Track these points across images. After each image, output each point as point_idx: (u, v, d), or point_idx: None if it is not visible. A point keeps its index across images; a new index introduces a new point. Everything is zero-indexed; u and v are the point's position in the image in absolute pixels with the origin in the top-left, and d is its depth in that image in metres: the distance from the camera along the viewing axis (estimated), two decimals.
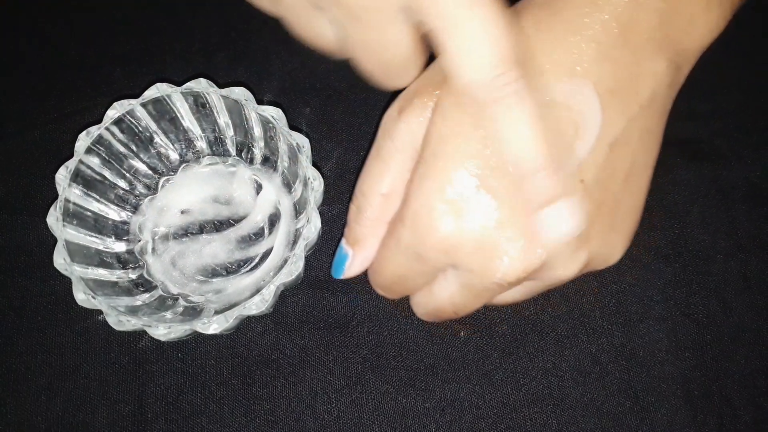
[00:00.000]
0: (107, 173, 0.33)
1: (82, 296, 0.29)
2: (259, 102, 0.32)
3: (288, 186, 0.35)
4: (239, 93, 0.32)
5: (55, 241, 0.30)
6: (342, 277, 0.31)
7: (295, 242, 0.33)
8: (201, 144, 0.36)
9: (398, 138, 0.27)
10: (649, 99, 0.26)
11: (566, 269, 0.26)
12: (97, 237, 0.32)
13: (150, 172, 0.35)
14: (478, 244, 0.25)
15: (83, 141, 0.31)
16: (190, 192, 0.35)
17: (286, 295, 0.34)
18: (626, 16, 0.25)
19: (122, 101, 0.32)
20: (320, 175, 0.31)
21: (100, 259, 0.32)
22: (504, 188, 0.25)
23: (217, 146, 0.36)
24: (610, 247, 0.27)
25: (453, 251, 0.26)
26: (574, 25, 0.25)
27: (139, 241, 0.34)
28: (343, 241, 0.31)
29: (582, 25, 0.25)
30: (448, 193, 0.25)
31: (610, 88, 0.25)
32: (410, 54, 0.26)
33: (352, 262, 0.30)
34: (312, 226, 0.30)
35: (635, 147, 0.26)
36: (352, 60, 0.27)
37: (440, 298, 0.28)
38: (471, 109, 0.25)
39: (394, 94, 0.39)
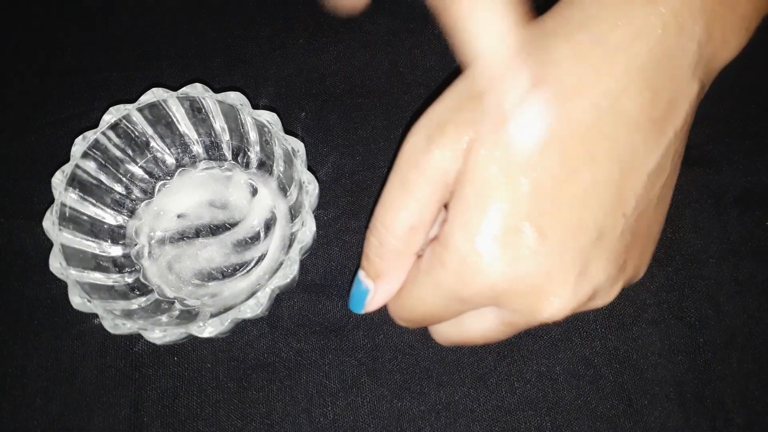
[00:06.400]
0: (103, 177, 0.33)
1: (77, 300, 0.29)
2: (255, 107, 0.32)
3: (283, 190, 0.35)
4: (235, 98, 0.32)
5: (51, 245, 0.30)
6: (362, 312, 0.30)
7: (290, 246, 0.33)
8: (197, 148, 0.36)
9: (428, 169, 0.25)
10: (682, 123, 0.26)
11: (605, 299, 0.26)
12: (93, 241, 0.32)
13: (146, 176, 0.35)
14: (527, 287, 0.24)
15: (79, 145, 0.31)
16: (186, 196, 0.35)
17: (281, 298, 0.34)
18: (667, 44, 0.25)
19: (118, 106, 0.32)
20: (315, 179, 0.31)
21: (96, 263, 0.32)
22: (553, 230, 0.24)
23: (213, 151, 0.36)
24: (640, 268, 0.27)
25: (500, 295, 0.25)
26: (619, 55, 0.25)
27: (136, 245, 0.34)
28: (362, 275, 0.29)
29: (626, 54, 0.25)
30: (495, 236, 0.24)
31: (651, 116, 0.25)
32: None
33: (373, 297, 0.29)
34: (307, 230, 0.30)
35: (668, 172, 0.26)
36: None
37: (472, 330, 0.28)
38: (516, 148, 0.24)
39: (395, 105, 0.39)
